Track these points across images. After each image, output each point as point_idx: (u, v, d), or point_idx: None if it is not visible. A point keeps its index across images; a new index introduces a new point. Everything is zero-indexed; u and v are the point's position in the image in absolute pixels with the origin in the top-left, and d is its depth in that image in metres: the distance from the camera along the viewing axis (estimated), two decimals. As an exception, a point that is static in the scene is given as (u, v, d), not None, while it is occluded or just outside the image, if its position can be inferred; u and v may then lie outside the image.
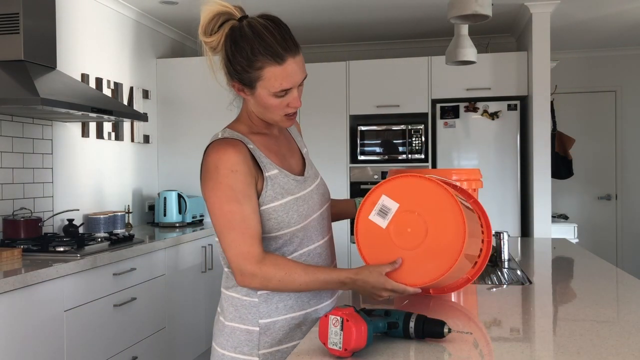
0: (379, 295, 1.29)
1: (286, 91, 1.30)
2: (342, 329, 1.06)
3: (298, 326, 1.40)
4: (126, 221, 3.86)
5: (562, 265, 2.19)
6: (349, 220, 3.76)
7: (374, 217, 1.34)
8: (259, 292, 1.37)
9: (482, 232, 1.50)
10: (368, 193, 1.36)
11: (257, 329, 1.37)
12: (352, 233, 4.54)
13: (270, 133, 1.44)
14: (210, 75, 1.35)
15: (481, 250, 1.51)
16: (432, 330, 1.16)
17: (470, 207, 1.48)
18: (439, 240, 1.29)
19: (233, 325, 1.40)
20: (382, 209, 1.33)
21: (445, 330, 1.16)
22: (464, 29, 3.46)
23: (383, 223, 1.33)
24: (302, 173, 1.45)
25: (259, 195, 1.33)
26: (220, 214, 1.28)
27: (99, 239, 2.95)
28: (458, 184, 1.63)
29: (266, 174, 1.34)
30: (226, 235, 1.28)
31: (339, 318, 1.07)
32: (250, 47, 1.26)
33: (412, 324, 1.17)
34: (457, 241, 1.28)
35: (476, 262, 1.51)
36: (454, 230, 1.28)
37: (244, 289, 1.38)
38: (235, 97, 1.41)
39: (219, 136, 1.36)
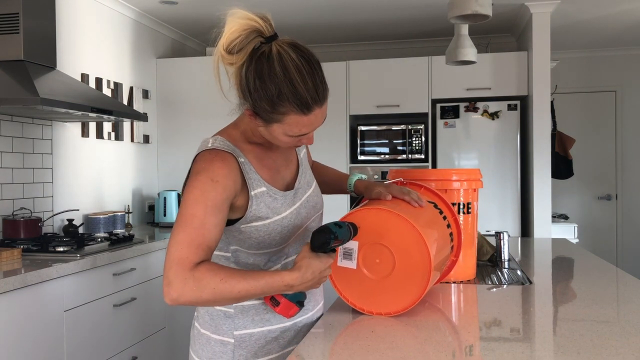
0: (327, 275, 1.22)
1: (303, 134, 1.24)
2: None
3: (275, 339, 1.37)
4: (126, 221, 3.86)
5: (562, 265, 2.19)
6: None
7: (342, 262, 1.39)
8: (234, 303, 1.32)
9: (444, 216, 1.55)
10: None
11: (232, 340, 1.34)
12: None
13: (266, 142, 1.34)
14: (214, 79, 1.22)
15: (451, 234, 1.55)
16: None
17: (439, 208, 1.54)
18: (407, 263, 1.34)
19: (208, 335, 1.36)
20: (345, 252, 1.37)
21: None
22: (464, 28, 3.46)
23: (352, 264, 1.38)
24: (293, 184, 1.39)
25: (243, 212, 1.27)
26: (182, 215, 1.17)
27: (99, 239, 2.95)
28: (402, 179, 1.69)
29: (252, 193, 1.26)
30: (176, 236, 1.15)
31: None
32: (278, 90, 1.15)
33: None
34: (424, 259, 1.32)
35: (452, 246, 1.57)
36: (418, 249, 1.32)
37: None
38: (237, 107, 1.29)
39: (209, 144, 1.27)
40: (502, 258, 2.12)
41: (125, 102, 4.04)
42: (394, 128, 4.72)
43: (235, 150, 1.27)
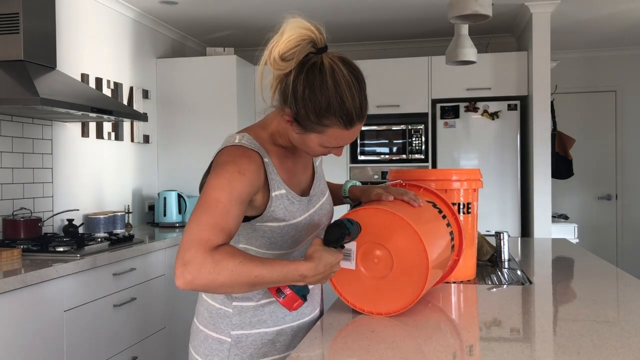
0: (335, 270, 1.23)
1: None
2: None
3: (271, 342, 1.37)
4: (126, 221, 3.86)
5: (562, 265, 2.19)
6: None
7: (341, 263, 1.38)
8: (233, 303, 1.35)
9: (443, 215, 1.55)
10: None
11: (229, 339, 1.35)
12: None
13: (291, 146, 1.35)
14: (257, 83, 1.24)
15: (451, 233, 1.55)
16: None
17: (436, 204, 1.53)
18: (405, 262, 1.34)
19: (206, 332, 1.38)
20: (344, 253, 1.36)
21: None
22: (464, 29, 3.46)
23: (351, 265, 1.37)
24: (309, 191, 1.40)
25: (261, 211, 1.28)
26: (206, 199, 1.14)
27: (99, 239, 2.95)
28: (400, 181, 1.69)
29: (272, 194, 1.27)
30: (198, 218, 1.11)
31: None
32: (327, 102, 1.17)
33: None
34: (421, 257, 1.32)
35: (453, 245, 1.56)
36: (415, 248, 1.32)
37: (219, 296, 1.36)
38: (269, 107, 1.31)
39: (236, 140, 1.26)
40: (502, 258, 2.12)
41: (125, 102, 4.04)
42: (394, 128, 4.72)
43: (261, 150, 1.27)
